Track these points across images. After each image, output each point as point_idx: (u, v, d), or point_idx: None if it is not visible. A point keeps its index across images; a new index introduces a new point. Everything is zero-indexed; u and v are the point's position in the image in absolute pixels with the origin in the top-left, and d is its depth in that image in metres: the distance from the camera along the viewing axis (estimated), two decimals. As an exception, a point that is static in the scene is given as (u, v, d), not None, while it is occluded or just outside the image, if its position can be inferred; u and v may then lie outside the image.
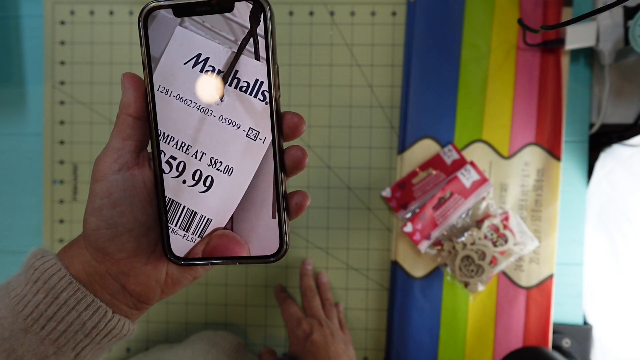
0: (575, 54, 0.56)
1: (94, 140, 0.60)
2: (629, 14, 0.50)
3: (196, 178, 0.29)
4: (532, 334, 0.55)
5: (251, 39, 0.28)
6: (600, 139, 0.57)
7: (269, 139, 0.29)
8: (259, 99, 0.29)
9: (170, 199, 0.30)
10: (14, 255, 0.61)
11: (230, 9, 0.28)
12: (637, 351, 0.55)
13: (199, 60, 0.29)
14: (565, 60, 0.55)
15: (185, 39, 0.28)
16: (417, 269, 0.57)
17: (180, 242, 0.30)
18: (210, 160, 0.29)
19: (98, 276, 0.29)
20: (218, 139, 0.29)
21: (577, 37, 0.52)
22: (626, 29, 0.50)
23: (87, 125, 0.59)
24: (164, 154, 0.29)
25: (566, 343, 0.55)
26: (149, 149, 0.30)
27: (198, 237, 0.30)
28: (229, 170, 0.29)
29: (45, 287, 0.28)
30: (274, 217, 0.29)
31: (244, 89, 0.28)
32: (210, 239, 0.29)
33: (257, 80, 0.28)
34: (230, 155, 0.29)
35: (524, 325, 0.55)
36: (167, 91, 0.29)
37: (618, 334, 0.55)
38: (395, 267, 0.57)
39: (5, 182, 0.61)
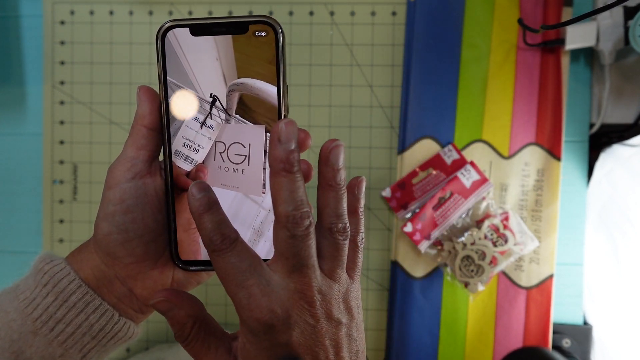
0: (576, 54, 0.56)
1: (93, 140, 0.60)
2: (629, 13, 0.50)
3: None
4: (532, 334, 0.55)
5: None
6: (600, 139, 0.57)
7: None
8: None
9: None
10: (13, 255, 0.61)
11: (244, 31, 0.29)
12: (637, 351, 0.55)
13: None
14: (565, 60, 0.55)
15: None
16: (417, 269, 0.57)
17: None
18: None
19: (106, 280, 0.30)
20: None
21: (577, 37, 0.52)
22: (626, 29, 0.50)
23: (87, 125, 0.59)
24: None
25: (566, 343, 0.55)
26: (161, 157, 0.31)
27: None
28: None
29: (54, 290, 0.28)
30: None
31: None
32: None
33: None
34: None
35: (524, 325, 0.55)
36: None
37: (618, 334, 0.55)
38: (395, 267, 0.57)
39: (5, 182, 0.60)
